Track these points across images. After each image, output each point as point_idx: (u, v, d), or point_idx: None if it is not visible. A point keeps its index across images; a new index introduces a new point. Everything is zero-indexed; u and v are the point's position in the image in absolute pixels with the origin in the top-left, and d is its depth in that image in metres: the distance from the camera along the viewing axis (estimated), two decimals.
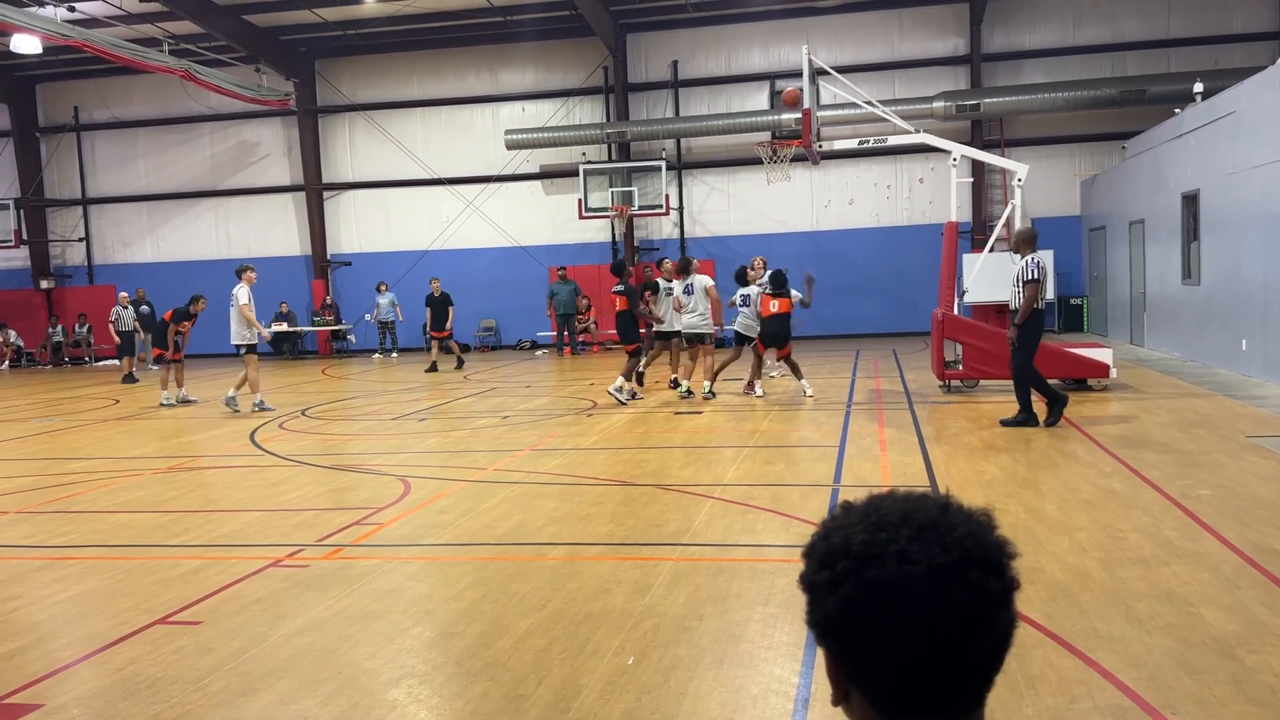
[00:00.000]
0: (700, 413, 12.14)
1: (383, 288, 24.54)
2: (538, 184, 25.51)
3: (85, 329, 26.92)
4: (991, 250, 14.58)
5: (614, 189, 23.63)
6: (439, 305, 20.23)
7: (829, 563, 1.08)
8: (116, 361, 25.45)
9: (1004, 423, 10.13)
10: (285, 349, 26.24)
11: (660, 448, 9.74)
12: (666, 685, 3.97)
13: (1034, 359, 10.17)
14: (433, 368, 19.71)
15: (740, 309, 13.90)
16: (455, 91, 25.61)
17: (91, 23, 21.09)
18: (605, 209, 23.70)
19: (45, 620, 5.22)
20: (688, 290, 13.32)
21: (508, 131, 24.30)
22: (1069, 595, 4.80)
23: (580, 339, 23.88)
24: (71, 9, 20.73)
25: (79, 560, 6.34)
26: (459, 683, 4.11)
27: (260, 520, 7.34)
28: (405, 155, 25.91)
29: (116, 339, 21.66)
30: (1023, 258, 10.19)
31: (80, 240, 27.99)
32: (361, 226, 26.55)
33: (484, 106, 25.53)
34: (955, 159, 13.62)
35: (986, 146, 21.74)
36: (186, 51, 22.57)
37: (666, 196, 23.63)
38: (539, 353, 23.82)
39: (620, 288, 13.56)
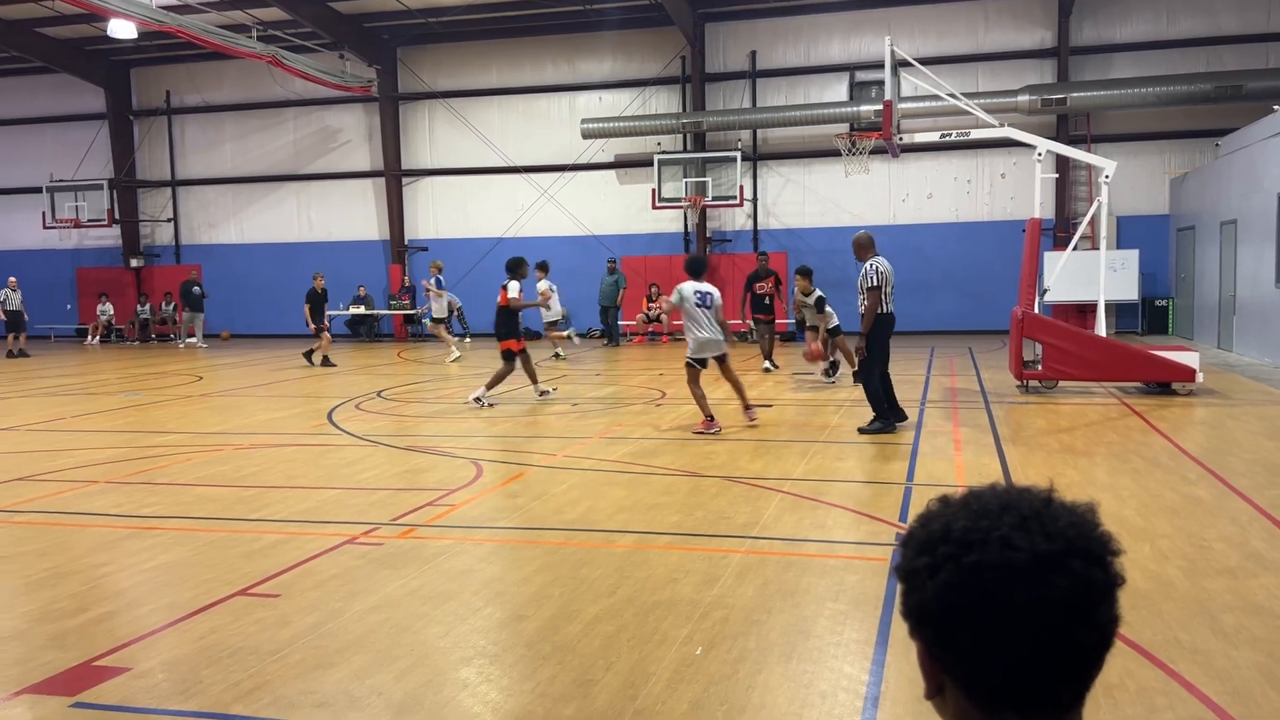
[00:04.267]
0: (769, 405, 12.07)
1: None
2: (611, 173, 25.58)
3: (171, 307, 27.76)
4: (1075, 248, 14.22)
5: (688, 179, 23.60)
6: (319, 300, 19.28)
7: (928, 549, 1.07)
8: (203, 344, 26.28)
9: (861, 430, 9.79)
10: (362, 331, 26.79)
11: (729, 440, 9.71)
12: (735, 677, 3.97)
13: (885, 366, 9.90)
14: (317, 358, 18.68)
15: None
16: (533, 80, 25.79)
17: (184, 9, 21.69)
18: (678, 199, 23.68)
19: (132, 587, 5.41)
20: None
21: (584, 120, 24.41)
22: (1150, 604, 4.67)
23: (649, 329, 23.93)
24: None
25: (164, 531, 6.56)
26: (529, 665, 4.16)
27: (337, 498, 7.50)
28: (482, 143, 26.17)
29: (3, 317, 23.44)
30: (861, 263, 9.89)
31: (169, 221, 28.86)
32: (438, 213, 26.92)
33: (561, 95, 25.67)
34: (1040, 154, 13.30)
35: (1072, 142, 21.22)
36: (274, 38, 23.09)
37: (741, 188, 23.51)
38: (612, 342, 23.89)
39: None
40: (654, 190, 23.93)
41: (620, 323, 23.94)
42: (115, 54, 27.33)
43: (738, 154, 23.56)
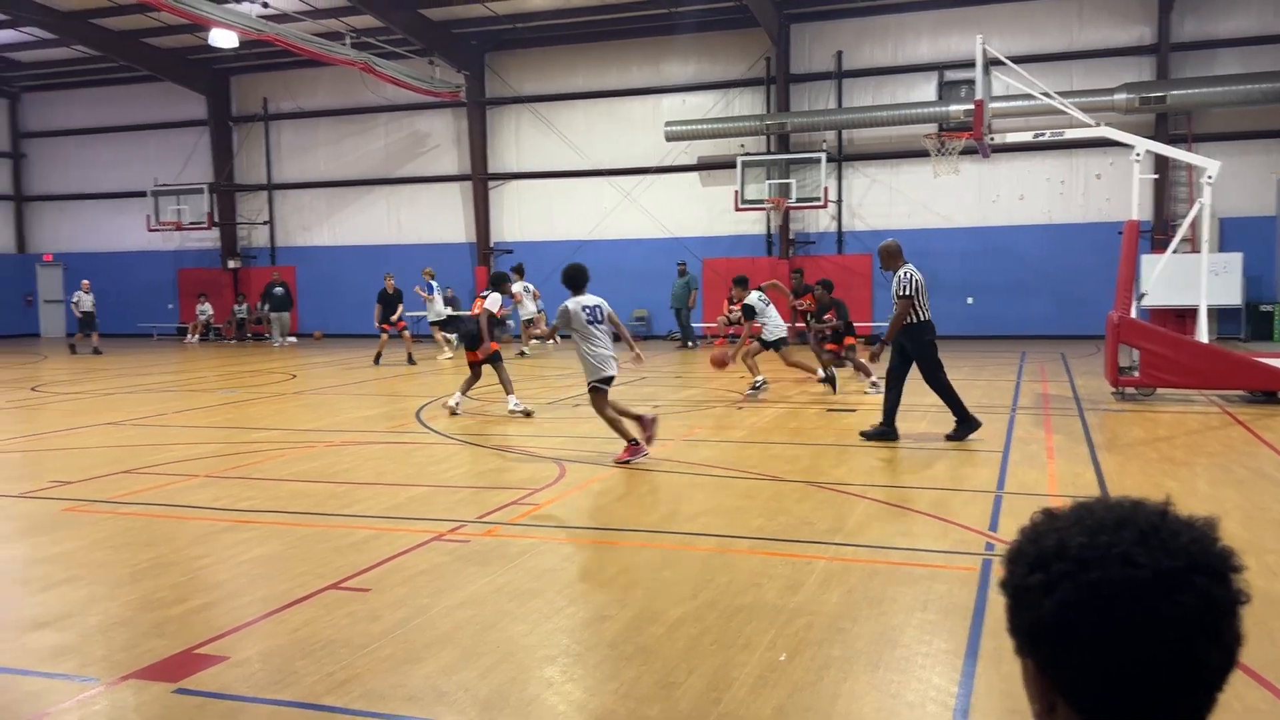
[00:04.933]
0: (854, 410, 11.92)
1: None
2: (694, 175, 25.57)
3: (265, 307, 28.62)
4: (1174, 251, 13.74)
5: (771, 181, 23.46)
6: (391, 300, 20.25)
7: (1041, 565, 1.04)
8: (293, 339, 27.04)
9: (949, 436, 9.57)
10: (449, 332, 27.21)
11: (812, 444, 9.63)
12: (819, 685, 3.93)
13: (942, 371, 9.62)
14: (380, 351, 19.80)
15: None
16: (618, 83, 25.93)
17: (282, 18, 22.38)
18: (761, 201, 23.56)
19: (230, 579, 5.59)
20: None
21: (667, 123, 24.45)
22: (1258, 622, 4.46)
23: (730, 331, 23.86)
24: (265, 4, 22.02)
25: (259, 524, 6.76)
26: (612, 665, 4.18)
27: (425, 495, 7.65)
28: (567, 147, 26.41)
29: (79, 315, 24.58)
30: (895, 272, 9.67)
31: (265, 223, 29.77)
32: (523, 215, 27.25)
33: (645, 98, 25.76)
34: (1138, 154, 12.88)
35: (1173, 141, 20.50)
36: (366, 45, 23.65)
37: (825, 189, 23.28)
38: (690, 344, 23.89)
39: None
40: (737, 192, 23.84)
41: (699, 325, 23.95)
42: (216, 63, 28.30)
43: (823, 155, 23.34)
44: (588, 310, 8.58)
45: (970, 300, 23.53)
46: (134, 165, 30.32)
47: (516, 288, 19.53)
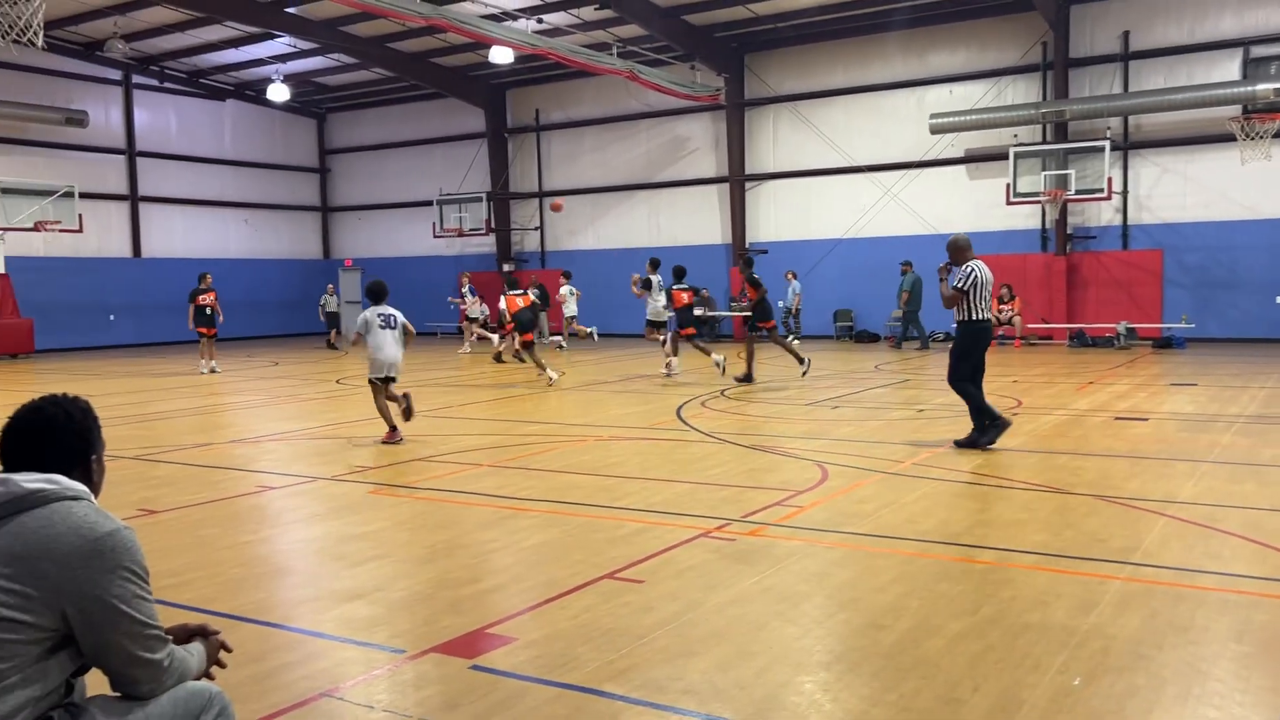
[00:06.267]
0: (1146, 419, 11.01)
1: (791, 276, 25.04)
2: (961, 169, 24.53)
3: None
4: None
5: (1047, 172, 22.07)
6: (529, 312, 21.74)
7: None
8: (557, 337, 28.33)
9: (957, 444, 9.32)
10: (703, 331, 27.59)
11: (1099, 455, 8.96)
12: (1121, 714, 3.64)
13: (970, 375, 9.29)
14: (508, 356, 20.93)
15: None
16: (880, 78, 25.30)
17: (554, 32, 23.50)
18: (1036, 194, 22.22)
19: (514, 564, 5.93)
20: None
21: (933, 115, 23.58)
22: None
23: (1001, 332, 22.69)
24: (539, 21, 23.23)
25: (538, 513, 7.12)
26: (890, 676, 4.06)
27: (689, 492, 7.78)
28: (825, 144, 26.07)
29: (324, 316, 27.88)
30: (959, 266, 9.30)
31: (536, 229, 31.41)
32: (779, 215, 27.17)
33: (908, 91, 24.98)
34: None
35: None
36: (631, 53, 24.41)
37: (1109, 179, 21.63)
38: (925, 346, 22.93)
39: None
40: (1008, 185, 22.62)
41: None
42: (493, 78, 30.17)
43: (1106, 143, 21.68)
44: (381, 318, 10.48)
45: (1279, 300, 21.15)
46: (421, 176, 32.90)
47: (564, 289, 22.41)
